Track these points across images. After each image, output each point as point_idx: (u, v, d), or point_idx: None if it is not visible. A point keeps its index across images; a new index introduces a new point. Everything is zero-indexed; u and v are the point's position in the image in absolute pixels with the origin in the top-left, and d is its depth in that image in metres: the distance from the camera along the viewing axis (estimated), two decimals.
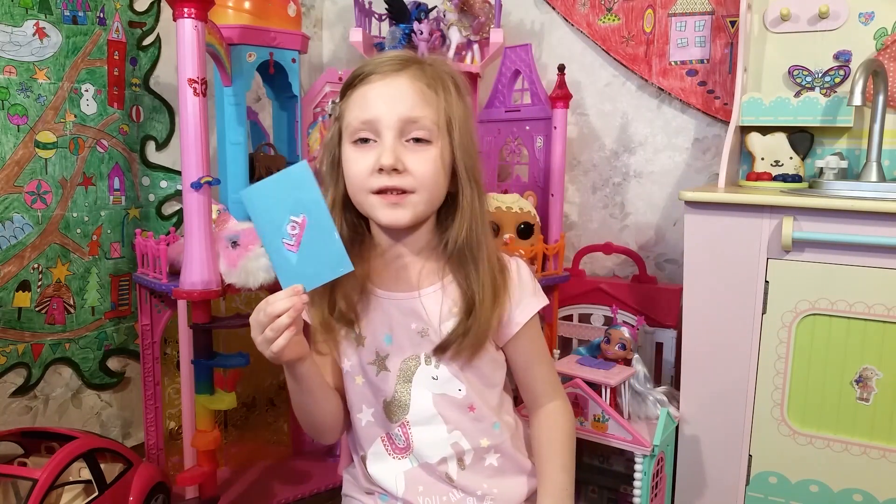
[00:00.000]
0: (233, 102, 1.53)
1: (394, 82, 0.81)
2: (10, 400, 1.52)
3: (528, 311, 0.89)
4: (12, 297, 1.50)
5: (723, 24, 1.73)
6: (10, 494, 1.21)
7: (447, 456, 0.88)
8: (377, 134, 0.80)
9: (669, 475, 1.41)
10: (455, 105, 0.83)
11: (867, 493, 1.25)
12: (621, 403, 1.37)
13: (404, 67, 0.82)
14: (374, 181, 0.80)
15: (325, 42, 2.29)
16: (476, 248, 0.85)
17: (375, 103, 0.80)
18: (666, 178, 1.85)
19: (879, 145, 1.42)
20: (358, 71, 0.84)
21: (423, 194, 0.81)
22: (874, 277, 1.20)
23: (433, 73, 0.83)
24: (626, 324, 1.51)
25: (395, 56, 0.84)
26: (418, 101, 0.80)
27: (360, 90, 0.82)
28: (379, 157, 0.79)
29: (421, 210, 0.82)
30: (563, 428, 0.93)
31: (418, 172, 0.80)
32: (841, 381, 1.25)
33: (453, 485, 0.89)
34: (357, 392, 0.90)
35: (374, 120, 0.80)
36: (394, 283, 0.88)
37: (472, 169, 0.85)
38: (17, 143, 1.47)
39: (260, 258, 1.35)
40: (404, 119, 0.80)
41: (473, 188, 0.85)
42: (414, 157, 0.80)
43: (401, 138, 0.80)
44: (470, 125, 0.86)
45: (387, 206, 0.81)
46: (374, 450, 0.90)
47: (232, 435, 1.74)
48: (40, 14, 1.48)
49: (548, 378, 0.94)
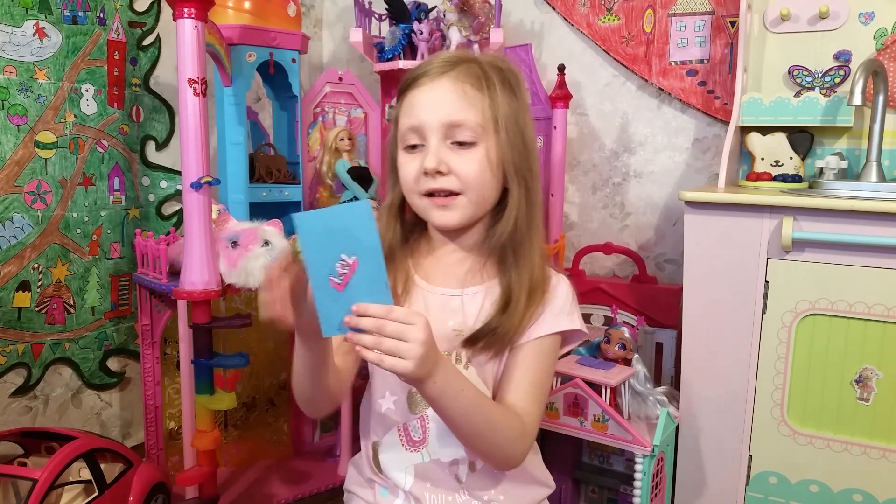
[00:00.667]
0: (233, 102, 1.53)
1: (437, 86, 0.82)
2: (10, 400, 1.53)
3: (545, 328, 0.85)
4: (12, 297, 1.50)
5: (723, 24, 1.73)
6: (10, 494, 1.21)
7: (459, 458, 0.88)
8: (424, 138, 0.82)
9: (669, 475, 1.41)
10: (502, 102, 0.83)
11: (867, 493, 1.25)
12: (621, 403, 1.37)
13: (451, 69, 0.83)
14: (422, 184, 0.82)
15: (325, 42, 2.29)
16: (519, 247, 0.85)
17: (420, 109, 0.82)
18: (666, 178, 1.85)
19: (879, 145, 1.42)
20: (411, 75, 0.85)
21: (471, 195, 0.82)
22: (874, 277, 1.20)
23: (480, 70, 0.83)
24: (626, 324, 1.51)
25: (446, 58, 0.84)
26: (461, 104, 0.81)
27: (409, 95, 0.84)
28: (423, 161, 0.81)
29: (470, 211, 0.84)
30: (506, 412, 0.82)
31: (463, 174, 0.81)
32: (841, 381, 1.25)
33: (461, 486, 0.89)
34: (383, 378, 0.90)
35: (419, 126, 0.82)
36: (441, 278, 0.89)
37: (521, 167, 0.84)
38: (17, 143, 1.47)
39: (260, 258, 1.35)
40: (447, 123, 0.81)
41: (521, 186, 0.85)
42: (459, 159, 0.81)
43: (445, 141, 0.82)
44: (522, 121, 0.85)
45: (436, 208, 0.83)
46: (389, 438, 0.90)
47: (232, 435, 1.74)
48: (40, 14, 1.48)
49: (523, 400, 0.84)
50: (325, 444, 1.83)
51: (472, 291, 0.87)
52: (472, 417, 0.77)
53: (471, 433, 0.78)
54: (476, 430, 0.78)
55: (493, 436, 0.79)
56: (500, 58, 0.88)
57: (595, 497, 1.62)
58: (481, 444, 0.80)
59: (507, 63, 0.87)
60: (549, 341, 0.86)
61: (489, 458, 0.84)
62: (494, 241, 0.86)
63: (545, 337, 0.86)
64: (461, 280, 0.88)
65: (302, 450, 1.79)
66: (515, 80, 0.86)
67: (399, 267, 0.89)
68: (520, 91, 0.86)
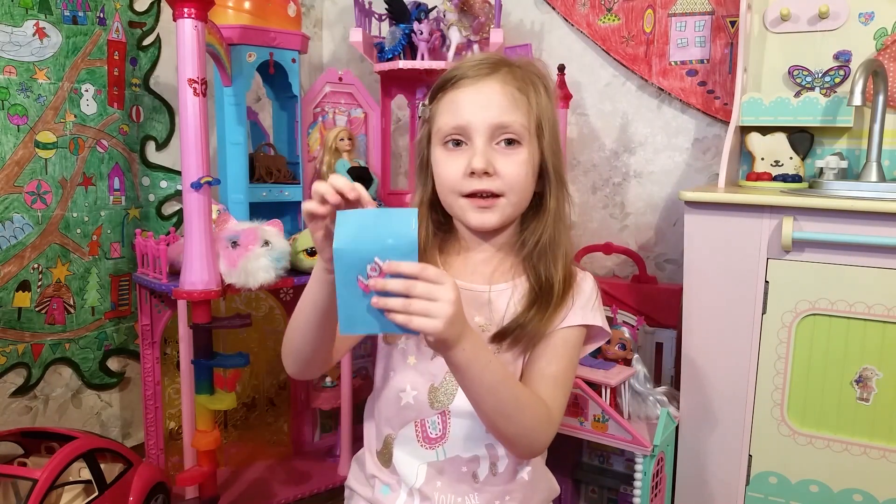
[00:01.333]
0: (233, 102, 1.53)
1: (485, 87, 0.82)
2: (10, 400, 1.53)
3: (570, 320, 0.85)
4: (12, 297, 1.50)
5: (723, 24, 1.73)
6: (10, 494, 1.21)
7: (480, 455, 0.88)
8: (468, 138, 0.82)
9: (669, 475, 1.41)
10: (545, 107, 0.84)
11: (867, 494, 1.25)
12: (621, 403, 1.37)
13: (495, 71, 0.83)
14: (465, 184, 0.82)
15: (325, 42, 2.30)
16: (556, 248, 0.86)
17: (467, 108, 0.82)
18: (666, 178, 1.85)
19: (879, 145, 1.42)
20: (448, 75, 0.84)
21: (512, 197, 0.83)
22: (874, 277, 1.20)
23: (523, 75, 0.84)
24: (626, 324, 1.51)
25: (485, 59, 0.84)
26: (509, 106, 0.81)
27: (450, 94, 0.83)
28: (470, 161, 0.81)
29: (509, 213, 0.84)
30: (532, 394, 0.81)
31: (508, 176, 0.82)
32: (841, 381, 1.25)
33: (476, 487, 0.88)
34: (407, 371, 0.89)
35: (465, 125, 0.81)
36: (469, 274, 0.89)
37: (559, 170, 0.86)
38: (17, 143, 1.47)
39: (260, 258, 1.35)
40: (495, 125, 0.81)
41: (560, 189, 0.86)
42: (504, 161, 0.82)
43: (491, 142, 0.82)
44: (557, 126, 0.87)
45: (476, 209, 0.83)
46: (405, 433, 0.89)
47: (232, 435, 1.74)
48: (40, 14, 1.48)
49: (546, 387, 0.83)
50: (325, 444, 1.83)
51: (499, 288, 0.87)
52: (500, 394, 0.75)
53: (497, 411, 0.76)
54: (503, 409, 0.76)
55: (520, 416, 0.77)
56: (535, 62, 0.88)
57: (595, 497, 1.62)
58: (507, 425, 0.77)
59: (543, 68, 0.88)
60: (574, 333, 0.86)
61: (515, 442, 0.81)
62: (531, 242, 0.86)
63: (571, 328, 0.85)
64: (488, 277, 0.88)
65: (302, 450, 1.79)
66: (553, 86, 0.88)
67: (429, 257, 0.89)
68: (554, 96, 0.88)
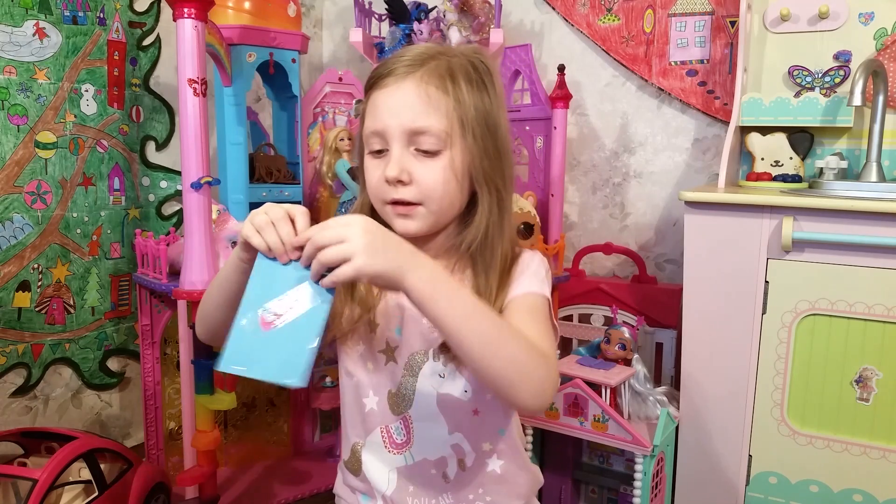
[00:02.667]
0: (233, 102, 1.53)
1: (400, 90, 0.78)
2: (10, 400, 1.52)
3: (516, 291, 0.81)
4: (12, 297, 1.50)
5: (723, 25, 1.73)
6: (10, 494, 1.21)
7: (447, 455, 0.87)
8: (387, 144, 0.79)
9: (669, 475, 1.41)
10: (470, 104, 0.78)
11: (867, 494, 1.25)
12: (621, 403, 1.37)
13: (418, 67, 0.78)
14: (385, 192, 0.79)
15: (325, 42, 2.29)
16: (489, 255, 0.81)
17: (383, 113, 0.78)
18: (666, 178, 1.85)
19: (879, 145, 1.42)
20: (375, 72, 0.81)
21: (432, 206, 0.79)
22: (874, 277, 1.20)
23: (447, 68, 0.78)
24: (626, 324, 1.51)
25: (413, 55, 0.79)
26: (424, 109, 0.77)
27: (373, 95, 0.80)
28: (384, 169, 0.78)
29: (431, 221, 0.80)
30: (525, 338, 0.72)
31: (425, 184, 0.78)
32: (841, 382, 1.25)
33: (447, 486, 0.87)
34: (367, 377, 0.89)
35: (382, 131, 0.78)
36: None
37: (490, 172, 0.80)
38: (17, 143, 1.47)
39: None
40: (409, 130, 0.77)
41: (492, 193, 0.81)
42: (421, 168, 0.78)
43: (409, 147, 0.78)
44: (493, 122, 0.80)
45: (398, 217, 0.80)
46: (372, 439, 0.88)
47: (232, 435, 1.74)
48: (40, 14, 1.48)
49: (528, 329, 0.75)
50: (325, 444, 1.83)
51: None
52: (477, 322, 0.67)
53: (480, 343, 0.67)
54: (485, 337, 0.67)
55: (506, 343, 0.68)
56: (474, 51, 0.83)
57: (595, 497, 1.62)
58: (496, 357, 0.68)
59: (480, 56, 0.82)
60: (526, 297, 0.80)
61: (512, 379, 0.70)
62: (463, 248, 0.82)
63: (522, 295, 0.80)
64: None
65: (302, 450, 1.79)
66: (488, 75, 0.81)
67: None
68: (492, 88, 0.81)
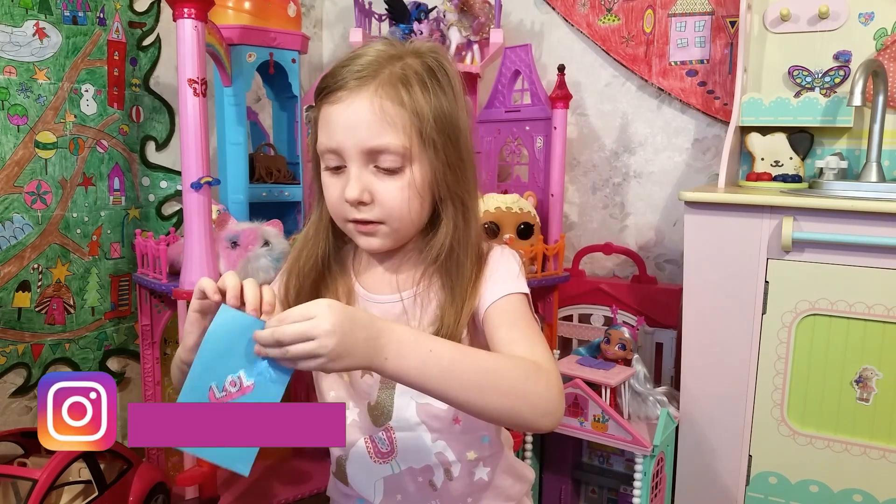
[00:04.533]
0: (233, 102, 1.53)
1: (353, 105, 0.73)
2: (10, 400, 1.52)
3: (491, 296, 0.79)
4: (12, 298, 1.49)
5: (723, 25, 1.73)
6: (10, 494, 1.21)
7: (432, 464, 0.85)
8: (344, 161, 0.76)
9: (669, 475, 1.41)
10: (428, 114, 0.74)
11: (867, 494, 1.25)
12: (621, 404, 1.37)
13: (372, 78, 0.73)
14: (346, 211, 0.77)
15: (325, 42, 2.29)
16: (455, 267, 0.79)
17: (338, 131, 0.74)
18: (666, 179, 1.85)
19: (879, 145, 1.42)
20: (325, 83, 0.76)
21: (394, 223, 0.77)
22: (874, 277, 1.20)
23: (401, 77, 0.74)
24: (626, 324, 1.51)
25: (364, 63, 0.74)
26: (380, 127, 0.73)
27: (325, 109, 0.76)
28: (344, 189, 0.75)
29: (394, 238, 0.79)
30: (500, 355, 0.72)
31: (386, 203, 0.75)
32: (841, 382, 1.25)
33: (435, 494, 0.86)
34: (344, 391, 0.87)
35: (337, 149, 0.75)
36: (379, 286, 0.85)
37: (454, 184, 0.78)
38: (17, 143, 1.47)
39: (260, 258, 1.35)
40: (367, 149, 0.74)
41: (456, 206, 0.78)
42: (382, 186, 0.75)
43: (368, 165, 0.75)
44: (454, 129, 0.77)
45: (360, 234, 0.79)
46: (357, 450, 0.86)
47: None
48: (40, 14, 1.48)
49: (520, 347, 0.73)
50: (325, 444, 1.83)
51: (409, 295, 0.82)
52: (463, 376, 0.65)
53: (473, 396, 0.66)
54: (478, 389, 0.65)
55: (502, 384, 0.66)
56: (429, 49, 0.79)
57: (595, 497, 1.62)
58: (496, 403, 0.66)
59: (436, 55, 0.78)
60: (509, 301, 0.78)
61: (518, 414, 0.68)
62: (429, 260, 0.81)
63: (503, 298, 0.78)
64: (395, 285, 0.83)
65: (302, 450, 1.79)
66: (444, 76, 0.77)
67: (339, 278, 0.85)
68: (450, 88, 0.77)
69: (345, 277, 0.86)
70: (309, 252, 0.84)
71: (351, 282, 0.86)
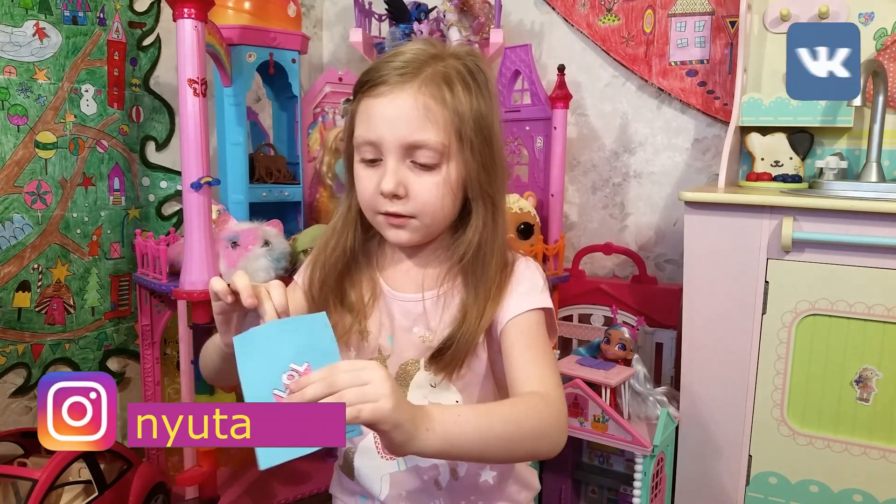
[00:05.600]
0: (233, 102, 1.53)
1: (397, 100, 0.75)
2: (10, 400, 1.52)
3: (514, 309, 0.81)
4: (12, 298, 1.49)
5: (723, 25, 1.73)
6: (10, 494, 1.21)
7: (438, 464, 0.86)
8: (381, 155, 0.77)
9: (669, 475, 1.41)
10: (468, 114, 0.77)
11: (867, 494, 1.25)
12: (621, 404, 1.37)
13: (415, 75, 0.76)
14: (378, 203, 0.78)
15: (325, 42, 2.29)
16: (480, 268, 0.81)
17: (378, 124, 0.76)
18: (666, 179, 1.85)
19: (879, 145, 1.42)
20: (367, 76, 0.78)
21: (425, 219, 0.79)
22: (874, 278, 1.20)
23: (443, 76, 0.76)
24: (626, 324, 1.51)
25: (406, 60, 0.77)
26: (421, 123, 0.75)
27: (366, 102, 0.78)
28: (380, 182, 0.77)
29: (424, 233, 0.81)
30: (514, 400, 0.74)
31: (420, 198, 0.77)
32: (841, 382, 1.25)
33: (440, 493, 0.87)
34: None
35: (377, 142, 0.77)
36: (401, 283, 0.86)
37: (486, 184, 0.80)
38: (17, 143, 1.47)
39: (260, 258, 1.35)
40: (406, 144, 0.76)
41: (486, 206, 0.80)
42: (417, 181, 0.77)
43: (405, 160, 0.77)
44: (489, 130, 0.79)
45: (390, 227, 0.80)
46: (365, 444, 0.87)
47: None
48: (40, 14, 1.48)
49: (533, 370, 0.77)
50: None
51: (431, 295, 0.84)
52: (494, 437, 0.67)
53: (505, 450, 0.69)
54: (507, 443, 0.68)
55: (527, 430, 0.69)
56: (468, 52, 0.81)
57: (595, 497, 1.62)
58: (523, 448, 0.70)
59: (476, 60, 0.81)
60: (529, 318, 0.80)
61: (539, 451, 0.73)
62: (455, 259, 0.82)
63: (523, 315, 0.80)
64: (419, 284, 0.84)
65: None
66: (483, 79, 0.80)
67: (364, 272, 0.86)
68: (487, 91, 0.80)
69: (370, 271, 0.87)
70: (336, 243, 0.85)
71: (375, 276, 0.87)
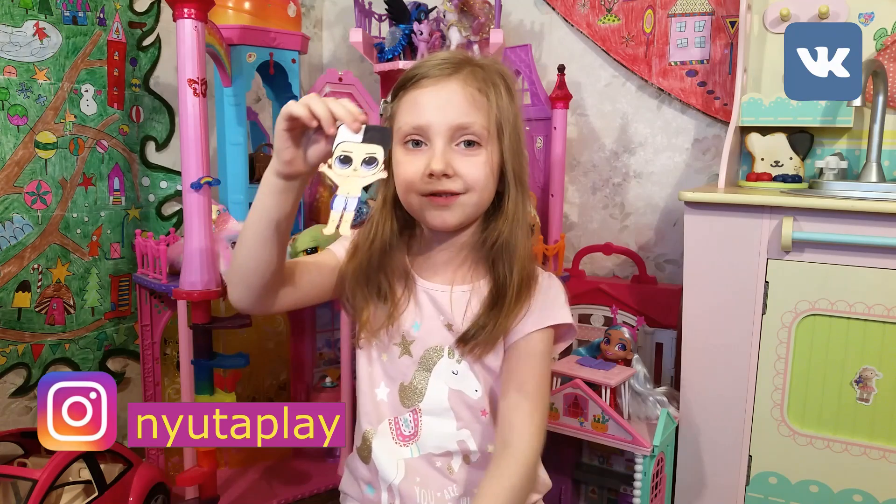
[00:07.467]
0: (233, 103, 1.53)
1: (445, 88, 0.82)
2: (10, 400, 1.52)
3: (536, 323, 0.87)
4: (12, 298, 1.50)
5: (723, 25, 1.73)
6: (10, 494, 1.21)
7: (452, 451, 0.89)
8: (428, 139, 0.82)
9: (669, 475, 1.41)
10: (506, 108, 0.84)
11: (867, 494, 1.25)
12: (621, 404, 1.37)
13: (457, 71, 0.83)
14: (424, 185, 0.82)
15: (325, 42, 2.29)
16: (513, 249, 0.86)
17: (427, 109, 0.82)
18: (666, 179, 1.85)
19: (879, 146, 1.42)
20: (411, 73, 0.85)
21: (473, 196, 0.83)
22: (874, 278, 1.20)
23: (485, 75, 0.84)
24: (626, 324, 1.51)
25: (447, 58, 0.85)
26: (469, 108, 0.82)
27: (411, 94, 0.84)
28: (430, 163, 0.81)
29: (469, 212, 0.84)
30: (508, 485, 0.80)
31: (468, 176, 0.82)
32: (841, 382, 1.25)
33: (452, 478, 0.89)
34: (380, 369, 0.92)
35: (425, 126, 0.82)
36: (432, 273, 0.90)
37: (519, 171, 0.86)
38: (17, 143, 1.47)
39: None
40: (455, 126, 0.81)
41: (519, 191, 0.86)
42: (464, 162, 0.82)
43: (451, 143, 0.82)
44: (519, 127, 0.86)
45: (435, 208, 0.83)
46: (382, 429, 0.91)
47: None
48: (40, 14, 1.48)
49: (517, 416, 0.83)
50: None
51: (460, 290, 0.88)
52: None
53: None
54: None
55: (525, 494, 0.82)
56: (498, 61, 0.89)
57: (595, 497, 1.62)
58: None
59: (505, 67, 0.88)
60: (540, 337, 0.87)
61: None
62: (489, 243, 0.87)
63: (536, 332, 0.87)
64: (450, 278, 0.89)
65: (302, 450, 1.79)
66: (514, 85, 0.88)
67: (397, 263, 0.90)
68: (517, 96, 0.88)
69: (402, 261, 0.91)
70: (376, 231, 0.89)
71: (407, 266, 0.91)
